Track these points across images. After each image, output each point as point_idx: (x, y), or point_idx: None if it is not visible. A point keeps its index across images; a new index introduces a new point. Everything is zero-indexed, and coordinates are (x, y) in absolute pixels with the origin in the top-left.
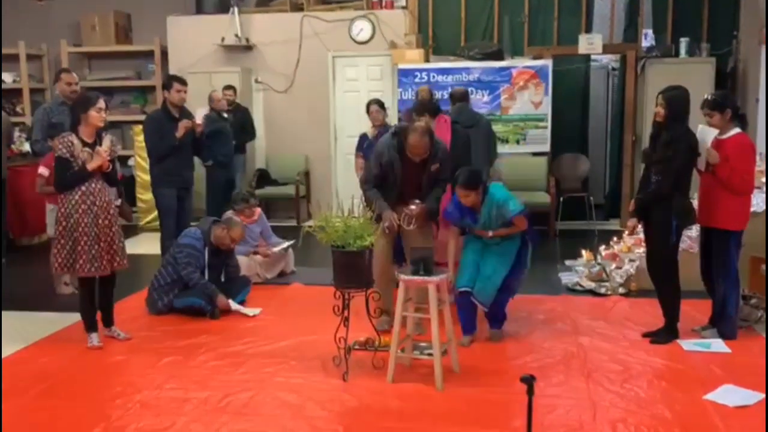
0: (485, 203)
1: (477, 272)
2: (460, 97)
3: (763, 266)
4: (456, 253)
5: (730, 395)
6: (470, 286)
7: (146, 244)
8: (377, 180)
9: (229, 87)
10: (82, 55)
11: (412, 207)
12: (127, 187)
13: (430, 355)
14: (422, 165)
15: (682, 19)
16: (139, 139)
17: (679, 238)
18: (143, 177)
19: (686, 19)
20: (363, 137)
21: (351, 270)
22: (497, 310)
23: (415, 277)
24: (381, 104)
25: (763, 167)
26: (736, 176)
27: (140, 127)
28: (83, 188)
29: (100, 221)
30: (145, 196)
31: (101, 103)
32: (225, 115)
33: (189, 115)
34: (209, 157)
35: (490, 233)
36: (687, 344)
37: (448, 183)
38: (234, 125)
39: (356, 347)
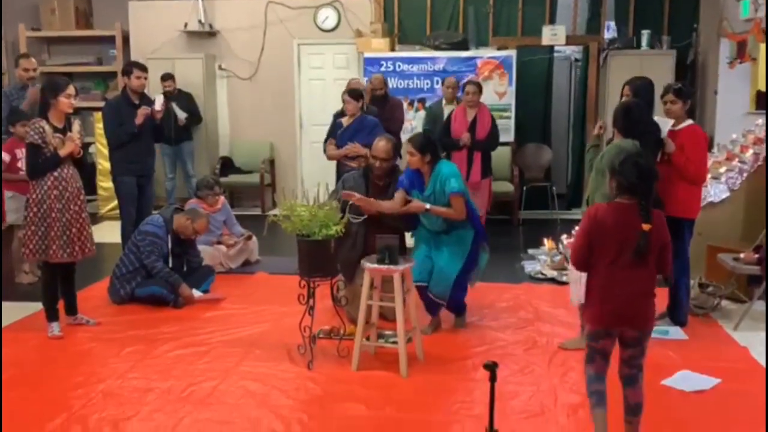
0: (433, 175)
1: (431, 263)
2: None
3: (720, 255)
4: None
5: (686, 381)
6: (425, 280)
7: (107, 233)
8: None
9: (168, 77)
10: (41, 40)
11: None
12: (88, 174)
13: (394, 343)
14: (386, 190)
15: (643, 12)
16: (100, 126)
17: None
18: (104, 164)
19: (648, 11)
20: (338, 124)
21: (316, 259)
22: (454, 304)
23: (381, 266)
24: (355, 94)
25: (721, 158)
26: (691, 165)
27: (101, 113)
28: (55, 174)
29: (71, 207)
30: (106, 183)
31: (71, 90)
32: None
33: (149, 102)
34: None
35: (427, 206)
36: None
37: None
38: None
39: (321, 336)
